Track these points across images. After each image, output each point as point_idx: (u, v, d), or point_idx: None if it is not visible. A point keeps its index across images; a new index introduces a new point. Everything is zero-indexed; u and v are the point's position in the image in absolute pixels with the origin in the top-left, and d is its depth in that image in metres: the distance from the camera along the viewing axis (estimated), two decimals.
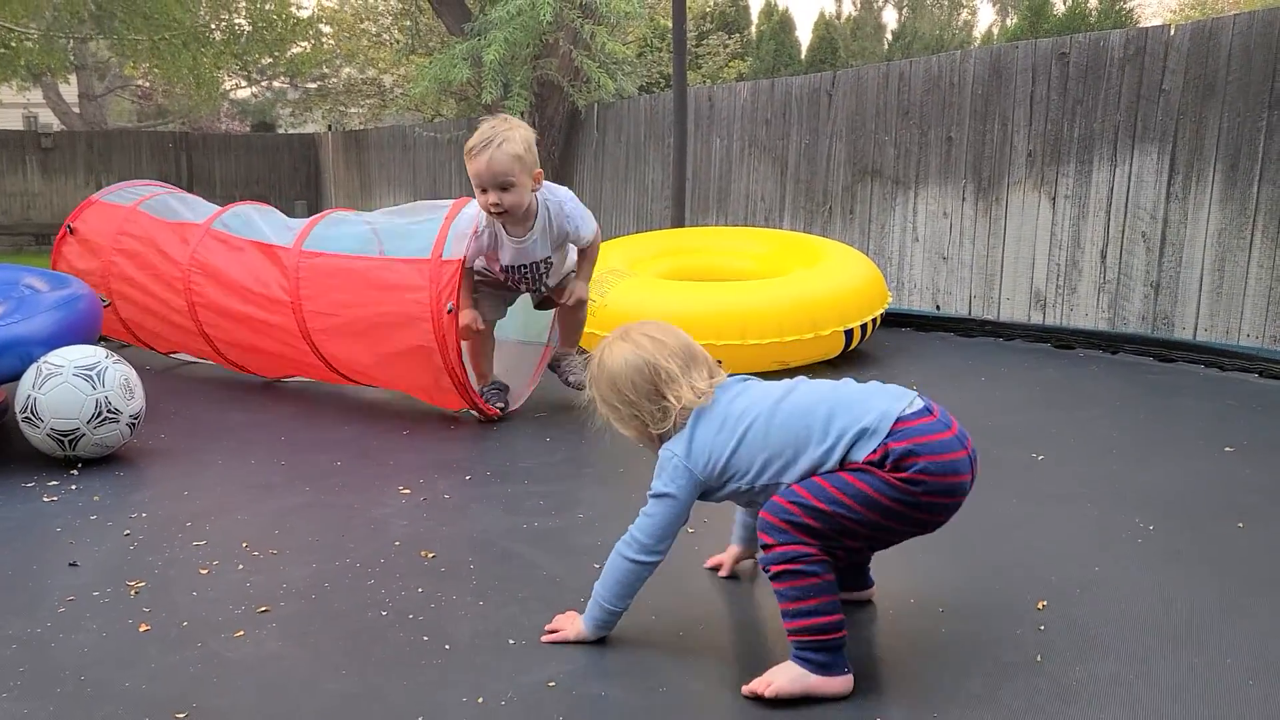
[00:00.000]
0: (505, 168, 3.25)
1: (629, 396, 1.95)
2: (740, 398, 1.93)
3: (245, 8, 15.90)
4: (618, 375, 1.95)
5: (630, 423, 1.99)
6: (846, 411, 1.84)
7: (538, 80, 9.61)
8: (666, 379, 1.92)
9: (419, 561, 2.36)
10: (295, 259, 3.71)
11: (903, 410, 1.83)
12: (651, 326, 2.02)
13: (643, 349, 1.95)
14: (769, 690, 1.73)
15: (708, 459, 1.89)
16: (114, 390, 3.08)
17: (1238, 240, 4.78)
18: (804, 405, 1.87)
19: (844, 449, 1.79)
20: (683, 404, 1.91)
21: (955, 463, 1.82)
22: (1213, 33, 4.85)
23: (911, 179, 6.37)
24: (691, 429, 1.91)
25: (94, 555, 2.41)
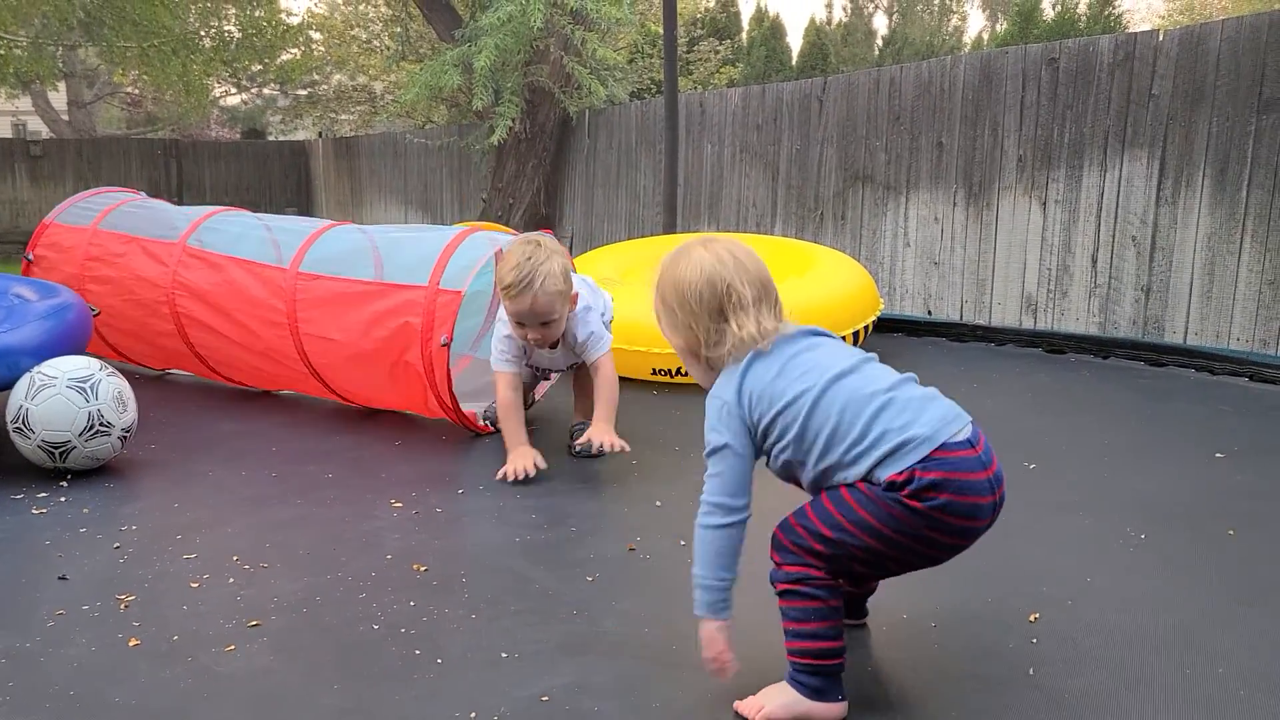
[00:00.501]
0: (549, 307, 3.02)
1: (691, 307, 1.82)
2: (803, 355, 1.78)
3: (235, 15, 15.87)
4: (687, 282, 1.83)
5: (681, 332, 1.87)
6: (897, 415, 1.71)
7: (528, 86, 9.61)
8: (736, 304, 1.80)
9: (411, 575, 2.35)
10: (293, 281, 3.68)
11: (950, 436, 1.72)
12: (738, 247, 1.88)
13: (722, 263, 1.82)
14: (760, 715, 1.70)
15: (756, 405, 1.76)
16: (107, 403, 3.06)
17: (1227, 244, 4.80)
18: (860, 392, 1.73)
19: (876, 458, 1.68)
20: (743, 336, 1.78)
21: (977, 507, 1.71)
22: (1201, 38, 4.87)
23: (903, 184, 6.38)
24: (744, 372, 1.78)
25: (84, 568, 2.39)
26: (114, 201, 4.57)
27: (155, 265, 4.11)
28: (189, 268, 4.01)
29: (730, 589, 1.76)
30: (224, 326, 3.92)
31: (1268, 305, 4.66)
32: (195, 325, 4.02)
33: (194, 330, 4.04)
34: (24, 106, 22.79)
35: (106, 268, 4.27)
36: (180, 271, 4.02)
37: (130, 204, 4.55)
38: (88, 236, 4.37)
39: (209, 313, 3.95)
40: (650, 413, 4.03)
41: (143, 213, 4.46)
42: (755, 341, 1.78)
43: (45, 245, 4.48)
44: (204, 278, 3.96)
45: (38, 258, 4.46)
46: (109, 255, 4.28)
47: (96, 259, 4.30)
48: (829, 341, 1.85)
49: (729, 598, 1.76)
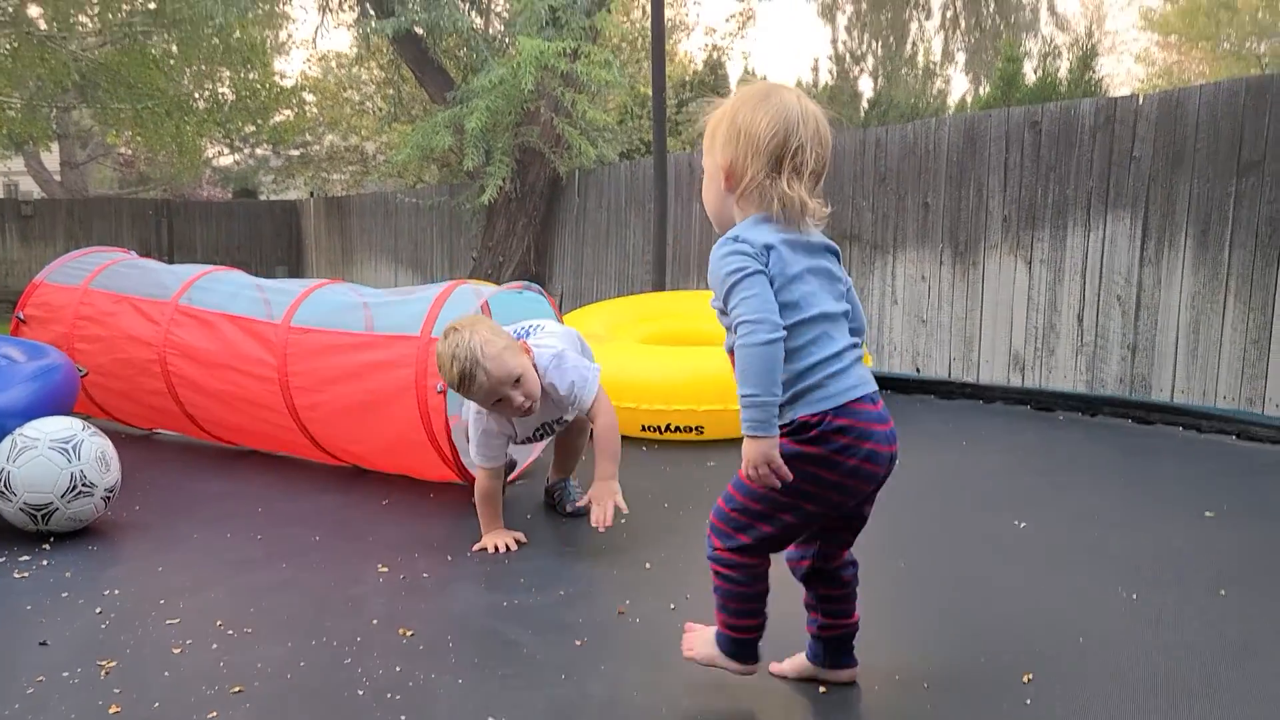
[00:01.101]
0: (506, 370, 2.84)
1: (752, 146, 1.83)
2: (808, 279, 1.84)
3: (229, 77, 16.04)
4: (755, 117, 1.83)
5: (728, 153, 1.87)
6: (836, 369, 1.84)
7: (519, 147, 9.70)
8: (797, 158, 1.83)
9: (397, 640, 2.32)
10: (284, 335, 3.68)
11: (862, 393, 1.87)
12: (823, 116, 1.89)
13: (805, 114, 1.84)
14: (688, 651, 2.07)
15: (759, 244, 1.81)
16: (89, 463, 3.04)
17: (1211, 304, 4.84)
18: (827, 337, 1.84)
19: (803, 388, 1.82)
20: (786, 196, 1.81)
21: (875, 453, 1.90)
22: (1180, 102, 4.96)
23: (890, 243, 6.44)
24: (750, 224, 1.85)
25: (65, 634, 2.36)
26: (105, 261, 4.57)
27: (147, 324, 4.11)
28: (181, 326, 4.01)
29: (776, 407, 1.78)
30: (215, 384, 3.91)
31: (1252, 364, 4.69)
32: (186, 384, 4.01)
33: (185, 389, 4.03)
34: (16, 167, 22.89)
35: (97, 327, 4.26)
36: (172, 330, 4.01)
37: (122, 263, 4.56)
38: (78, 296, 4.37)
39: (200, 371, 3.94)
40: (640, 470, 4.02)
41: (134, 272, 4.46)
42: (794, 208, 1.82)
43: (35, 305, 4.48)
44: (196, 336, 3.96)
45: (28, 317, 4.45)
46: (100, 314, 4.27)
47: (87, 318, 4.30)
48: (827, 281, 1.89)
49: (776, 416, 1.78)
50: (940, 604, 2.57)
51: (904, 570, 2.82)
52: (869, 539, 3.15)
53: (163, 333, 4.03)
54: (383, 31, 9.49)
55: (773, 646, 2.07)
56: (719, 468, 4.02)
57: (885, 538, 3.17)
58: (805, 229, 1.88)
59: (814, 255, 1.88)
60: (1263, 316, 4.65)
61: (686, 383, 4.41)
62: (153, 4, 14.19)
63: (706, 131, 1.95)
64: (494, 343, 2.84)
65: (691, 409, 4.39)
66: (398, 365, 3.38)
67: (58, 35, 13.84)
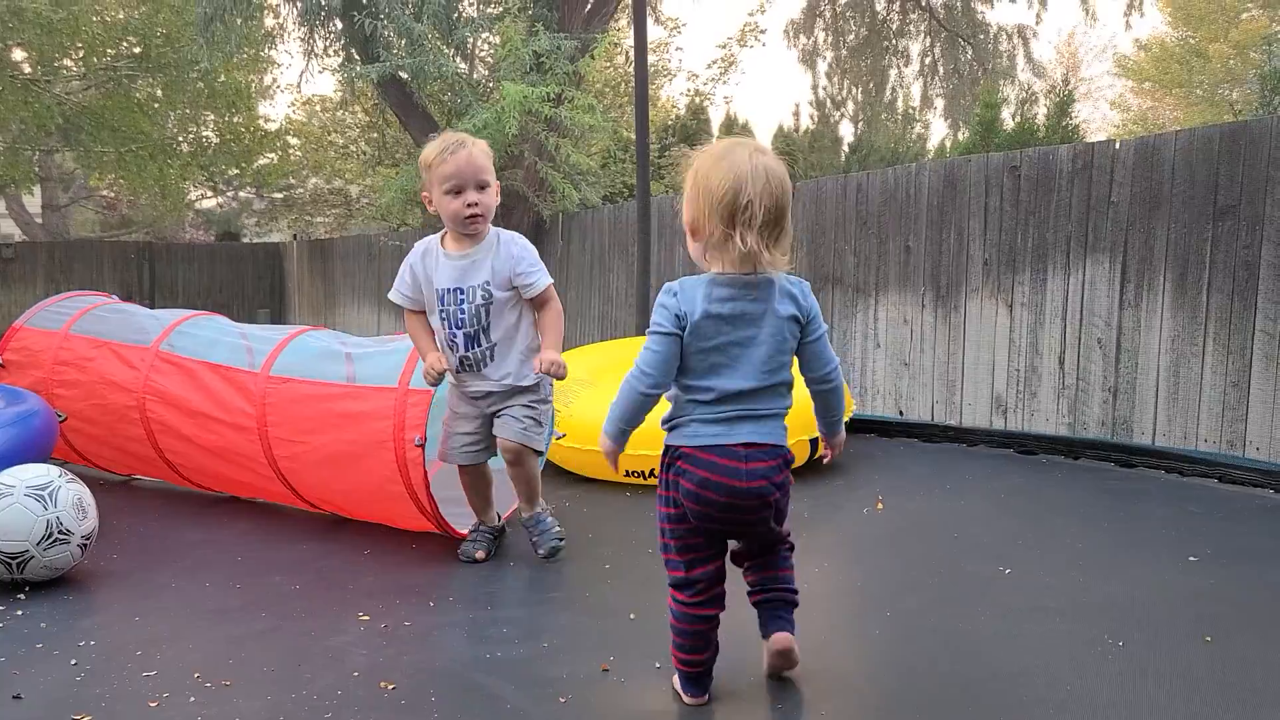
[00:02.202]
0: (485, 163, 3.18)
1: (709, 204, 2.09)
2: (731, 338, 2.14)
3: (214, 121, 16.10)
4: (710, 176, 2.09)
5: (691, 211, 2.16)
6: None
7: (503, 190, 9.75)
8: (747, 213, 2.06)
9: (379, 693, 2.28)
10: (263, 384, 3.66)
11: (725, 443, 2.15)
12: (775, 166, 2.12)
13: (755, 170, 2.07)
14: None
15: (684, 309, 2.14)
16: (66, 511, 3.00)
17: (1190, 347, 4.88)
18: (725, 391, 2.16)
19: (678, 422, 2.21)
20: (741, 250, 2.08)
21: (702, 491, 2.15)
22: (1156, 148, 5.03)
23: (872, 286, 6.48)
24: (697, 282, 2.15)
25: (39, 687, 2.32)
26: (86, 305, 4.55)
27: (127, 370, 4.08)
28: (161, 372, 3.98)
29: (628, 434, 2.30)
30: (194, 432, 3.87)
31: (1233, 407, 4.72)
32: (165, 431, 3.97)
33: (164, 436, 3.99)
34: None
35: (76, 372, 4.23)
36: (152, 376, 3.98)
37: (102, 308, 4.54)
38: (58, 341, 4.34)
39: (179, 418, 3.90)
40: (623, 515, 4.00)
41: (115, 317, 4.44)
42: (750, 259, 2.10)
43: (14, 350, 4.44)
44: (176, 382, 3.93)
45: (7, 362, 4.41)
46: (79, 360, 4.24)
47: (66, 363, 4.26)
48: (756, 350, 2.15)
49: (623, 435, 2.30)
50: (925, 653, 2.55)
51: (889, 618, 2.81)
52: (854, 586, 3.14)
53: (142, 379, 4.00)
54: (368, 77, 9.55)
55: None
56: None
57: (871, 585, 3.16)
58: (757, 291, 2.14)
59: (740, 326, 2.15)
60: (1241, 360, 4.69)
61: None
62: (138, 49, 14.27)
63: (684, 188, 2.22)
64: (484, 146, 3.23)
65: None
66: (376, 417, 3.35)
67: (42, 79, 13.88)
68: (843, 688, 2.34)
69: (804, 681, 2.36)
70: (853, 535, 3.74)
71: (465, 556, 3.34)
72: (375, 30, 9.39)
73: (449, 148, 3.14)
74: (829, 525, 3.89)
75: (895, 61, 17.79)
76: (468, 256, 3.21)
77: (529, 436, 3.28)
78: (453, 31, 9.52)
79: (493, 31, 10.40)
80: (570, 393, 4.77)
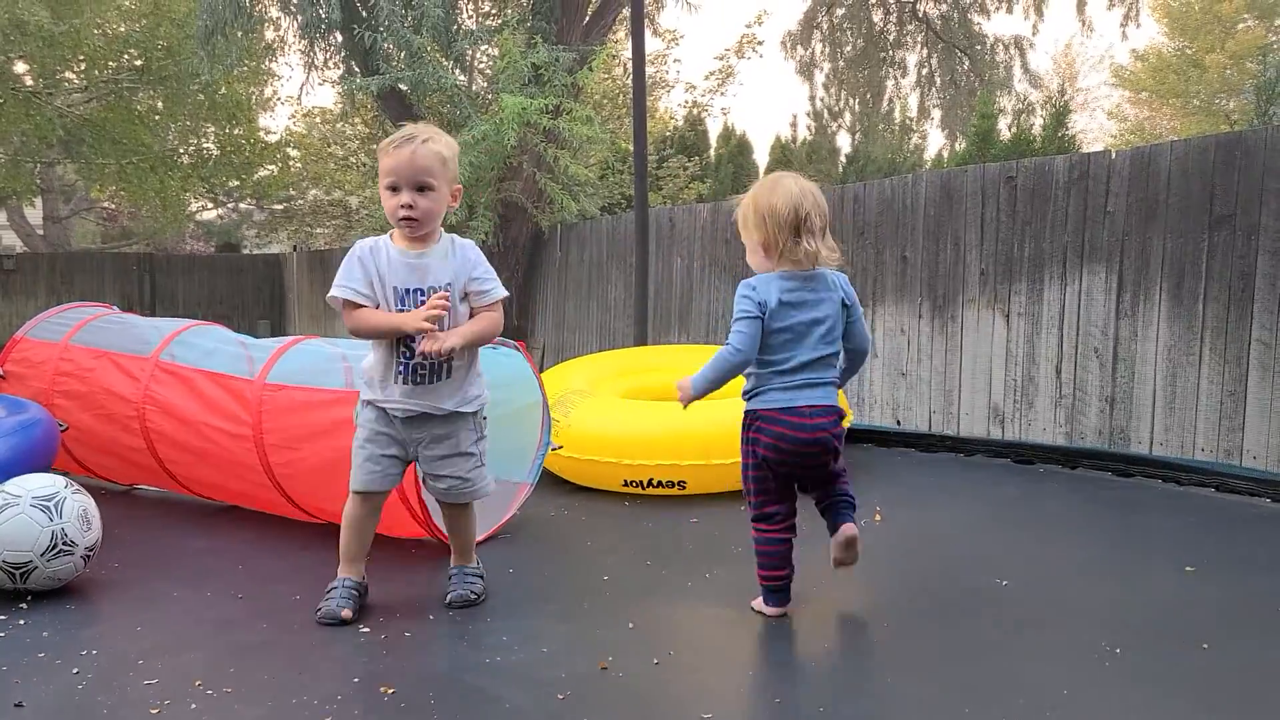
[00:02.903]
0: (428, 164, 2.84)
1: (776, 223, 2.77)
2: (794, 316, 2.79)
3: (214, 133, 16.14)
4: (773, 202, 2.78)
5: (756, 250, 2.86)
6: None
7: (502, 202, 9.78)
8: (808, 223, 2.77)
9: (378, 697, 2.30)
10: (259, 392, 3.68)
11: (797, 405, 2.80)
12: (812, 187, 2.85)
13: (803, 190, 2.81)
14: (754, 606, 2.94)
15: (763, 298, 2.77)
16: (71, 522, 3.02)
17: (1187, 356, 4.90)
18: (790, 365, 2.80)
19: (760, 388, 2.84)
20: (808, 251, 2.77)
21: (791, 443, 2.80)
22: (1151, 158, 5.06)
23: (869, 297, 6.50)
24: (769, 278, 2.80)
25: (41, 696, 2.33)
26: (86, 316, 4.57)
27: (127, 380, 4.09)
28: (161, 383, 3.99)
29: (708, 393, 2.90)
30: (192, 441, 3.89)
31: (1229, 416, 4.75)
32: (164, 440, 3.99)
33: (163, 445, 4.01)
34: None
35: (76, 382, 4.24)
36: (152, 386, 4.00)
37: (102, 319, 4.56)
38: (58, 351, 4.35)
39: (178, 427, 3.92)
40: (622, 526, 4.02)
41: (115, 328, 4.46)
42: (813, 258, 2.79)
43: (15, 360, 4.46)
44: (175, 392, 3.94)
45: (7, 372, 4.43)
46: (79, 370, 4.26)
47: (66, 374, 4.28)
48: (807, 330, 2.80)
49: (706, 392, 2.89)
50: (923, 661, 2.57)
51: (887, 628, 2.83)
52: (853, 595, 3.16)
53: (142, 389, 4.02)
54: (367, 89, 9.59)
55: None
56: (702, 523, 4.02)
57: (867, 594, 3.17)
58: (814, 282, 2.82)
59: (804, 310, 2.80)
60: (1238, 369, 4.71)
61: (669, 438, 4.42)
62: (139, 61, 14.32)
63: (740, 218, 2.91)
64: (442, 148, 2.90)
65: (674, 464, 4.39)
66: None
67: (43, 91, 13.93)
68: (841, 694, 2.36)
69: (802, 688, 2.38)
70: None
71: (329, 618, 2.82)
72: (375, 43, 9.44)
73: (396, 141, 2.87)
74: (827, 535, 3.90)
75: (892, 72, 17.88)
76: (424, 256, 2.92)
77: (479, 489, 3.06)
78: (452, 44, 9.57)
79: (491, 44, 10.45)
80: (569, 403, 4.79)
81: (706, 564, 3.41)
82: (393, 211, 2.88)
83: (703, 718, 2.19)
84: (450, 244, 2.99)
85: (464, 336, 2.86)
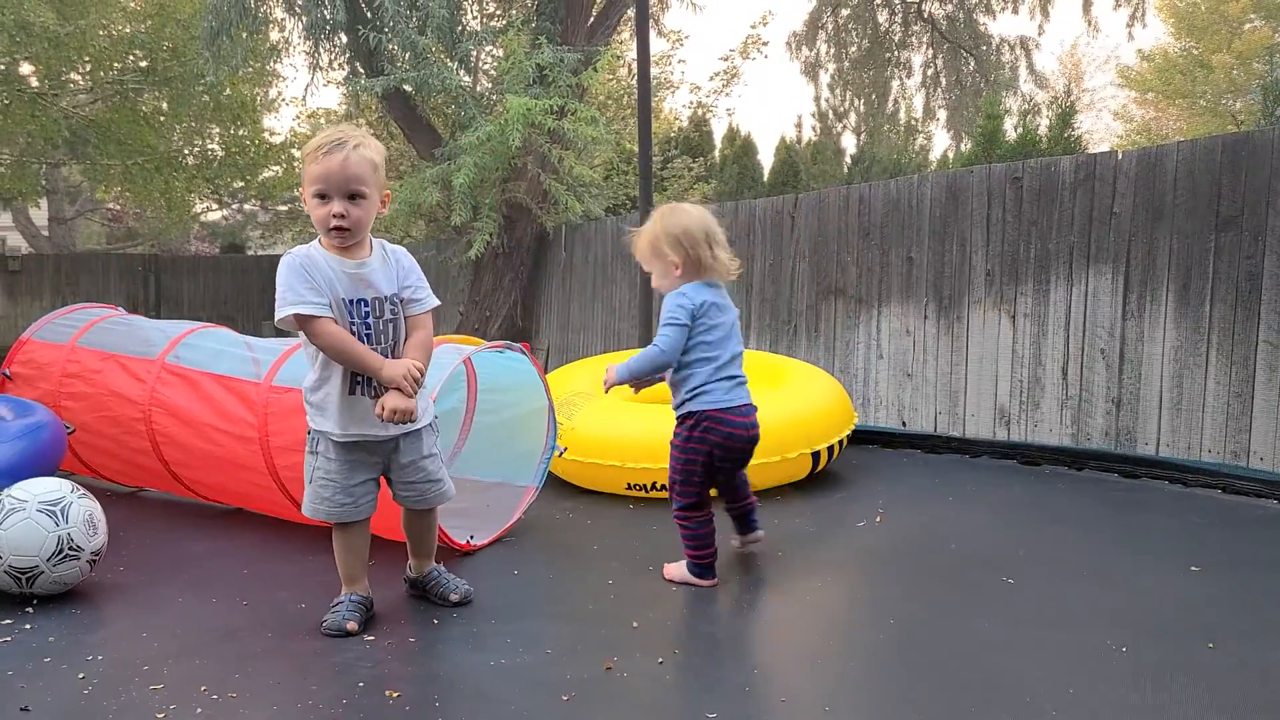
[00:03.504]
0: (360, 172, 2.73)
1: (690, 240, 3.16)
2: (716, 316, 3.19)
3: (219, 134, 16.16)
4: (683, 222, 3.20)
5: (668, 272, 3.22)
6: (724, 384, 3.20)
7: (506, 203, 9.78)
8: (715, 236, 3.21)
9: (384, 701, 2.30)
10: (265, 394, 3.68)
11: (732, 405, 3.18)
12: (705, 210, 3.29)
13: (701, 212, 3.25)
14: (666, 571, 3.30)
15: (698, 303, 3.13)
16: (77, 527, 3.02)
17: (1194, 358, 4.88)
18: (724, 359, 3.19)
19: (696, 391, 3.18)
20: (720, 262, 3.20)
21: (732, 437, 3.17)
22: (1158, 159, 5.05)
23: (874, 298, 6.49)
24: (696, 287, 3.18)
25: (46, 701, 2.33)
26: (93, 318, 4.57)
27: (133, 382, 4.09)
28: (167, 384, 4.00)
29: (631, 385, 3.30)
30: (199, 443, 3.89)
31: (1236, 417, 4.73)
32: (170, 443, 3.99)
33: (169, 448, 4.01)
34: (4, 222, 22.92)
35: (83, 384, 4.25)
36: (158, 388, 4.00)
37: (108, 320, 4.56)
38: (65, 353, 4.36)
39: (184, 430, 3.92)
40: (625, 528, 4.01)
41: (121, 329, 4.46)
42: (724, 270, 3.21)
43: (21, 362, 4.47)
44: (181, 394, 3.95)
45: (14, 374, 4.44)
46: (86, 372, 4.26)
47: (74, 375, 4.28)
48: (735, 328, 3.26)
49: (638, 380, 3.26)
50: (929, 660, 2.56)
51: (893, 626, 2.82)
52: (858, 595, 3.15)
53: (148, 391, 4.02)
54: (372, 90, 9.59)
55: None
56: None
57: (874, 595, 3.17)
58: (722, 290, 3.24)
59: (725, 313, 3.22)
60: (1244, 370, 4.69)
61: None
62: (144, 62, 14.34)
63: (644, 248, 3.29)
64: (373, 154, 2.78)
65: None
66: None
67: (49, 93, 13.95)
68: (847, 693, 2.35)
69: (808, 687, 2.37)
70: (856, 547, 3.75)
71: (334, 630, 2.78)
72: (380, 44, 9.44)
73: (324, 146, 2.72)
74: (832, 537, 3.90)
75: (898, 73, 17.85)
76: (364, 266, 2.82)
77: (448, 488, 3.06)
78: (456, 45, 9.57)
79: (496, 45, 10.44)
80: (573, 405, 4.79)
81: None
82: (323, 220, 2.75)
83: (707, 717, 2.19)
84: (384, 251, 2.90)
85: (421, 387, 2.80)
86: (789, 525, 4.02)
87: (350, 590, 2.94)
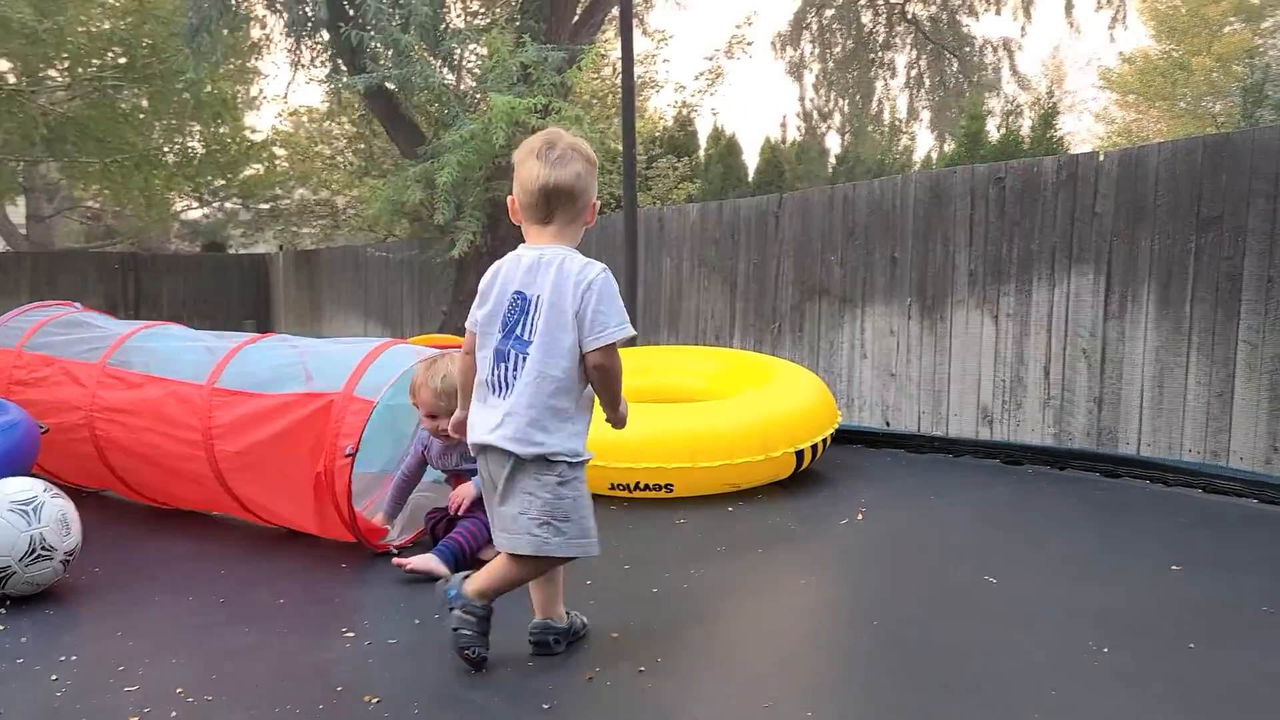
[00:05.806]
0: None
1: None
2: None
3: (199, 131, 16.04)
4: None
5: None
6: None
7: (490, 201, 9.73)
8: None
9: (362, 708, 2.27)
10: (208, 397, 3.62)
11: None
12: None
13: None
14: (408, 565, 3.22)
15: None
16: (50, 526, 2.97)
17: (1174, 358, 4.90)
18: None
19: None
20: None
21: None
22: (1139, 159, 5.06)
23: (858, 297, 6.49)
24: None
25: (18, 704, 2.29)
26: (42, 319, 4.45)
27: (76, 387, 4.00)
28: (109, 389, 3.91)
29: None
30: (142, 448, 3.81)
31: (1216, 417, 4.75)
32: (114, 448, 3.91)
33: (114, 453, 3.93)
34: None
35: (31, 390, 4.15)
36: (99, 393, 3.92)
37: (57, 321, 4.45)
38: (12, 359, 4.26)
39: (127, 435, 3.83)
40: (608, 530, 3.97)
41: (68, 332, 4.35)
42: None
43: None
44: (123, 399, 3.86)
45: None
46: (33, 379, 4.17)
47: (22, 382, 4.19)
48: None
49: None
50: (911, 661, 2.55)
51: (875, 628, 2.81)
52: (841, 595, 3.14)
53: (90, 396, 3.94)
54: (354, 87, 9.53)
55: None
56: (688, 525, 4.00)
57: (856, 595, 3.16)
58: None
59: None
60: (1225, 370, 4.71)
61: (655, 440, 4.39)
62: (123, 59, 14.22)
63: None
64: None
65: (660, 466, 4.36)
66: (313, 425, 3.32)
67: (26, 89, 13.81)
68: (829, 696, 2.34)
69: (791, 691, 2.36)
70: (839, 546, 3.74)
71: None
72: (362, 41, 9.38)
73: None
74: (816, 536, 3.89)
75: (882, 74, 17.89)
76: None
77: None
78: (440, 43, 9.52)
79: (480, 43, 10.40)
80: None
81: (691, 565, 3.40)
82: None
83: None
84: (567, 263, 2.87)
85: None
86: (772, 524, 4.01)
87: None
